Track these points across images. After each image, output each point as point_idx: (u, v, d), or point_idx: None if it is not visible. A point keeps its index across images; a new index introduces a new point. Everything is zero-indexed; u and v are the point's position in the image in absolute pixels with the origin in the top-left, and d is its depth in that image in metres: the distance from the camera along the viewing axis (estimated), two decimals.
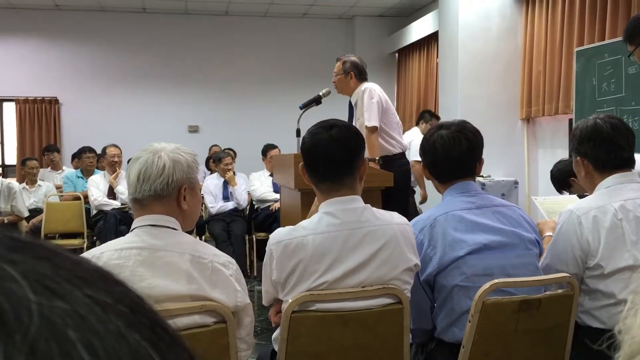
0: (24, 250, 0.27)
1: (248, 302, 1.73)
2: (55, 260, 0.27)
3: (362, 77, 4.04)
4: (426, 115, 6.21)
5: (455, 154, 1.97)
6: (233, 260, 1.74)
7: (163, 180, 1.63)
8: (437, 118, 6.13)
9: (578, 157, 2.12)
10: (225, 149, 7.12)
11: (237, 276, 1.70)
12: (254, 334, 1.85)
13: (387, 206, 2.26)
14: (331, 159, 1.78)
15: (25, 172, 6.36)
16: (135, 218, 1.70)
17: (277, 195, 5.72)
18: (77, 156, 6.80)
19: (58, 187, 6.51)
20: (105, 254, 1.60)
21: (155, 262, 1.58)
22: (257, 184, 6.16)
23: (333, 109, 4.19)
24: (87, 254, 1.67)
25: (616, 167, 2.07)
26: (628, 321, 0.54)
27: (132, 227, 1.69)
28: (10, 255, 0.26)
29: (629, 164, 2.11)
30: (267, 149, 6.43)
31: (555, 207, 2.84)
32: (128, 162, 6.24)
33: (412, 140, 5.53)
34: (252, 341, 1.81)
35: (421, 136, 3.85)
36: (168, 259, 1.60)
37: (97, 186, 5.80)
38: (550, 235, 2.16)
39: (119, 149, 5.99)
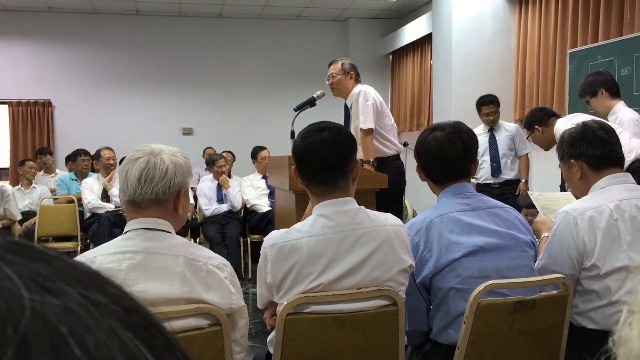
0: (22, 253, 0.27)
1: (243, 305, 1.72)
2: (51, 262, 0.28)
3: (358, 78, 4.07)
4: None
5: (451, 155, 1.97)
6: (227, 263, 1.73)
7: (165, 184, 1.62)
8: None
9: (572, 160, 2.12)
10: (223, 152, 7.12)
11: (231, 278, 1.69)
12: (249, 337, 1.85)
13: (381, 208, 2.26)
14: (323, 161, 1.77)
15: (23, 171, 6.32)
16: (129, 220, 1.67)
17: (269, 202, 5.74)
18: (71, 159, 6.77)
19: (52, 191, 6.48)
20: (98, 258, 1.58)
21: (149, 266, 1.57)
22: (248, 191, 6.15)
23: (327, 111, 4.20)
24: (80, 258, 1.65)
25: (611, 163, 2.08)
26: (623, 333, 0.53)
27: (125, 230, 1.67)
28: (7, 257, 0.26)
29: (621, 163, 2.13)
30: (256, 150, 6.44)
31: (550, 204, 2.85)
32: (120, 164, 6.16)
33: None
34: (246, 343, 1.81)
35: None
36: (162, 262, 1.58)
37: (90, 189, 5.78)
38: (547, 236, 2.17)
39: (113, 151, 5.98)
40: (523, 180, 5.25)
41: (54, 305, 0.25)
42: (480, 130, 5.27)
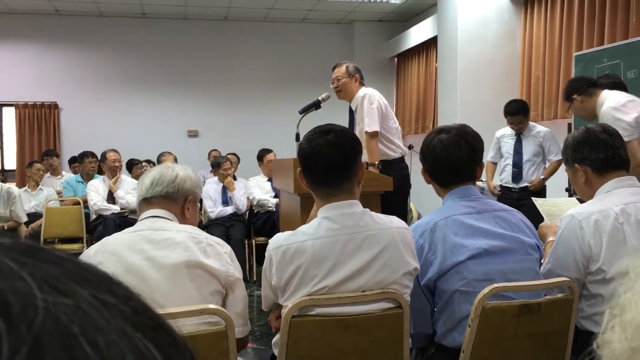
0: (34, 255, 0.28)
1: (239, 277, 1.84)
2: (62, 263, 0.28)
3: (362, 81, 4.08)
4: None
5: (456, 158, 1.97)
6: (228, 245, 1.88)
7: (175, 187, 1.87)
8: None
9: (576, 164, 2.12)
10: (228, 154, 7.13)
11: (230, 255, 1.84)
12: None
13: (386, 210, 2.26)
14: (329, 164, 1.78)
15: (31, 173, 6.36)
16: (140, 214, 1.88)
17: (276, 200, 5.74)
18: (77, 160, 6.80)
19: (58, 193, 6.51)
20: (110, 239, 1.79)
21: (154, 238, 1.75)
22: (255, 190, 6.18)
23: (332, 114, 4.20)
24: (93, 246, 1.81)
25: (615, 167, 2.08)
26: (606, 336, 0.54)
27: (138, 221, 1.87)
28: (20, 258, 0.27)
29: (626, 166, 2.12)
30: (262, 153, 6.46)
31: (554, 210, 2.84)
32: (127, 167, 6.21)
33: None
34: (247, 317, 1.89)
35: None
36: (166, 235, 1.77)
37: (96, 191, 5.79)
38: (553, 240, 2.16)
39: (119, 153, 6.01)
40: (542, 177, 4.92)
41: (66, 305, 0.25)
42: (508, 132, 5.10)
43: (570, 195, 4.65)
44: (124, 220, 5.61)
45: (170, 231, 1.78)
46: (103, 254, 1.73)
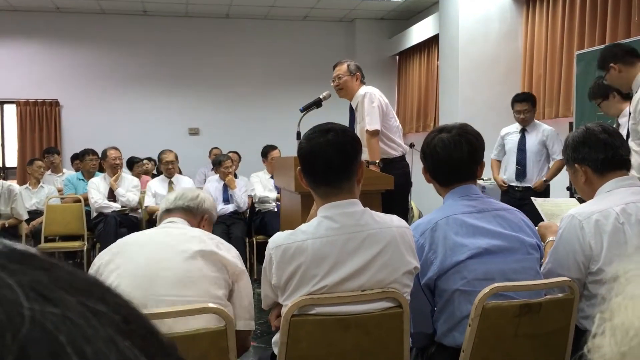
0: (23, 261, 0.27)
1: (244, 270, 1.98)
2: (52, 270, 0.28)
3: (363, 80, 4.08)
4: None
5: (456, 157, 1.97)
6: (233, 247, 2.04)
7: (195, 203, 2.12)
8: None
9: (576, 165, 2.11)
10: (229, 152, 7.13)
11: (238, 254, 2.01)
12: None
13: (387, 209, 2.26)
14: (329, 163, 1.77)
15: (32, 170, 6.36)
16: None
17: (276, 195, 5.75)
18: (78, 158, 6.81)
19: (59, 190, 6.51)
20: (128, 236, 1.97)
21: (171, 232, 1.97)
22: (257, 187, 6.18)
23: (333, 112, 4.20)
24: (113, 244, 1.94)
25: (615, 167, 2.07)
26: (597, 341, 0.54)
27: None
28: (9, 265, 0.26)
29: (627, 165, 2.11)
30: (267, 150, 6.43)
31: (554, 210, 2.83)
32: (128, 164, 6.22)
33: None
34: (252, 312, 1.99)
35: None
36: (181, 231, 1.98)
37: (97, 188, 5.80)
38: (553, 240, 2.15)
39: (119, 151, 6.00)
40: (544, 179, 4.85)
41: (52, 314, 0.25)
42: (512, 129, 5.05)
43: (571, 195, 4.64)
44: (124, 218, 5.61)
45: (186, 229, 2.00)
46: (119, 246, 1.89)
